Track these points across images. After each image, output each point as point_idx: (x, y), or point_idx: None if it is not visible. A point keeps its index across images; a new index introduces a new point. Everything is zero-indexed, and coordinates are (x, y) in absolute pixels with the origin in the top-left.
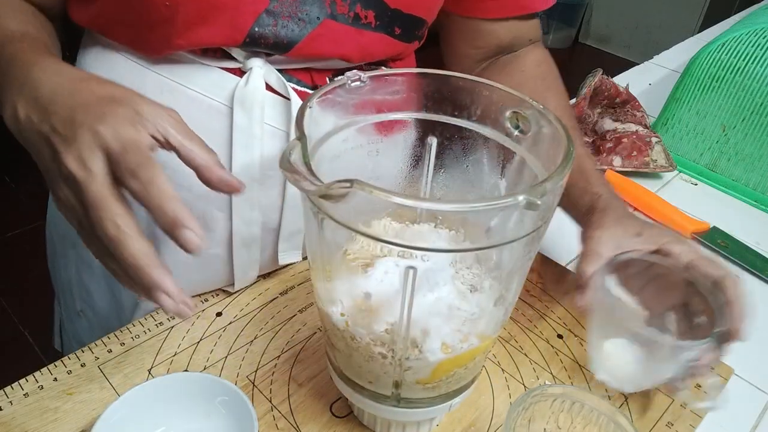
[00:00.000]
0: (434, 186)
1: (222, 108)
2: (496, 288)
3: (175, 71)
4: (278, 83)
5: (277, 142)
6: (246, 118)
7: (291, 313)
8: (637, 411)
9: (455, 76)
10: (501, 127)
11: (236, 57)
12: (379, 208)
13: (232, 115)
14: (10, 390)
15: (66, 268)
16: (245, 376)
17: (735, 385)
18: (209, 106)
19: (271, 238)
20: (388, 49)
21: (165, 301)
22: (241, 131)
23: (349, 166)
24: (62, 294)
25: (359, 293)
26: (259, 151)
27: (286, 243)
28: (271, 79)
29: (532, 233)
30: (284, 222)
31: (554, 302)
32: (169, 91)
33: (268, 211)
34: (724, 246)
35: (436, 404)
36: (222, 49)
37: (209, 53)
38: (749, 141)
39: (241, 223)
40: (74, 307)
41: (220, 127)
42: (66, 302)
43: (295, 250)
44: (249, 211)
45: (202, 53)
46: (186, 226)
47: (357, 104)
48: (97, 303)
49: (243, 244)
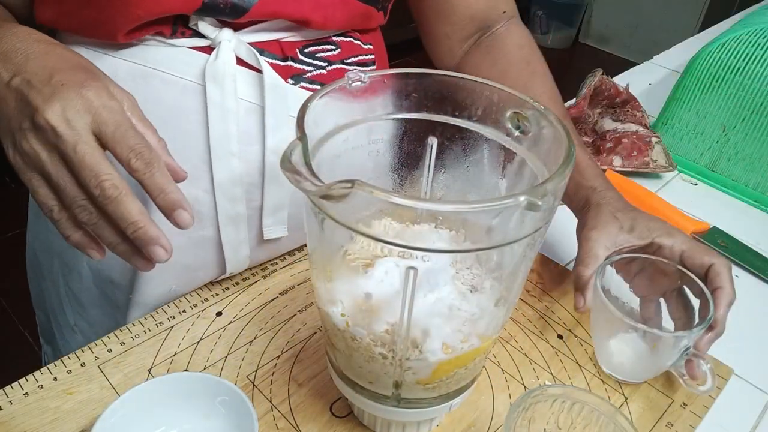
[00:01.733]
0: (435, 186)
1: (195, 86)
2: (496, 288)
3: (146, 57)
4: (248, 55)
5: (252, 116)
6: (218, 92)
7: (291, 313)
8: (637, 411)
9: (455, 76)
10: (502, 128)
11: (204, 33)
12: (379, 208)
13: (205, 93)
14: (10, 390)
15: (54, 283)
16: (245, 376)
17: (735, 385)
18: (183, 87)
19: (257, 216)
20: (351, 12)
21: (161, 255)
22: (215, 105)
23: (350, 166)
24: (52, 311)
25: (360, 293)
26: (235, 125)
27: (270, 218)
28: (241, 52)
29: (532, 234)
30: (266, 197)
31: (554, 302)
32: (141, 77)
33: (251, 188)
34: (724, 246)
35: (436, 404)
36: (191, 28)
37: (177, 33)
38: (749, 141)
39: (225, 200)
40: (67, 322)
41: (194, 105)
42: (58, 321)
43: (280, 224)
44: (231, 187)
45: (171, 34)
46: (183, 209)
47: (357, 104)
48: (90, 312)
49: (229, 221)
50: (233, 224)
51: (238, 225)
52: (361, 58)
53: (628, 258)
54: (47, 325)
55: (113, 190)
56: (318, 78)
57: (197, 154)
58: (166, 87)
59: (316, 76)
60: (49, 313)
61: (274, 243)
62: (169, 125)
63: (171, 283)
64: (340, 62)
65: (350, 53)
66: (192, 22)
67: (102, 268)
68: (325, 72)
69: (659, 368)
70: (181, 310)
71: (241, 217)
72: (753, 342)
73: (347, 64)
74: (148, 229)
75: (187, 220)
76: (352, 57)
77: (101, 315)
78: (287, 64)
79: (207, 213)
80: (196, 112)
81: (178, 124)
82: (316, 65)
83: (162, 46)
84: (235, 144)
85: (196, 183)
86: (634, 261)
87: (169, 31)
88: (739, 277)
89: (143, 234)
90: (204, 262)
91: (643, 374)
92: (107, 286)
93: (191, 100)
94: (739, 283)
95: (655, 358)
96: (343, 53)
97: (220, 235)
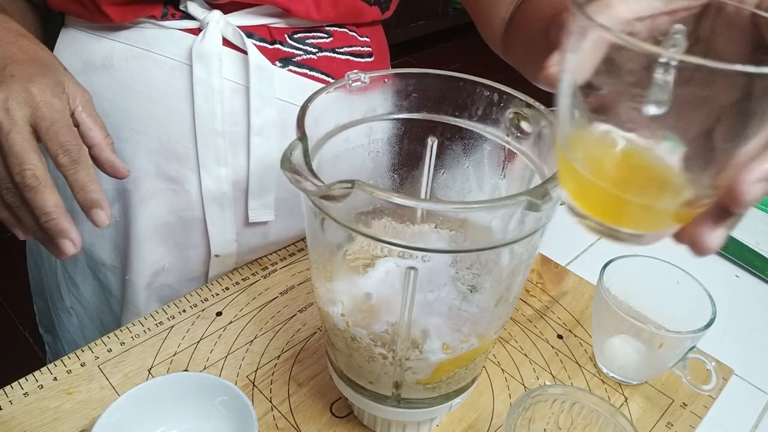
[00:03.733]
0: (435, 186)
1: (183, 66)
2: (496, 288)
3: (139, 38)
4: (235, 36)
5: (237, 97)
6: (204, 70)
7: (291, 313)
8: (637, 411)
9: (455, 76)
10: (502, 128)
11: (194, 15)
12: (379, 208)
13: (192, 73)
14: (10, 389)
15: (51, 267)
16: (245, 376)
17: (735, 385)
18: (172, 67)
19: (243, 198)
20: (338, 5)
21: (69, 248)
22: (201, 84)
23: (350, 166)
24: (50, 295)
25: (360, 293)
26: (220, 104)
27: (256, 201)
28: (227, 33)
29: (532, 234)
30: (252, 179)
31: (554, 302)
32: (134, 58)
33: (236, 168)
34: (724, 246)
35: (437, 404)
36: (181, 10)
37: (168, 15)
38: None
39: (210, 180)
40: (64, 305)
41: (181, 84)
42: (55, 302)
43: (266, 209)
44: (216, 167)
45: (162, 16)
46: (101, 208)
47: (357, 104)
48: (85, 295)
49: (214, 201)
50: (218, 205)
51: (224, 206)
52: (355, 49)
53: None
54: (45, 311)
55: (33, 180)
56: (307, 62)
57: (184, 133)
58: (156, 67)
59: (306, 60)
60: (47, 297)
61: (262, 227)
62: (159, 105)
63: (164, 261)
64: (331, 50)
65: (343, 43)
66: (182, 4)
67: (93, 250)
68: (316, 57)
69: (660, 369)
70: (181, 310)
71: (226, 197)
72: (753, 342)
73: (339, 53)
74: (59, 222)
75: (103, 219)
76: (345, 47)
77: (94, 298)
78: (275, 47)
79: (194, 192)
80: (183, 91)
81: (166, 103)
82: (306, 50)
83: (154, 28)
84: (220, 123)
85: (184, 163)
86: None
87: (160, 13)
88: (739, 277)
89: (54, 225)
90: (193, 241)
91: (643, 375)
92: (99, 269)
93: (178, 80)
94: (739, 283)
95: (656, 359)
96: (336, 42)
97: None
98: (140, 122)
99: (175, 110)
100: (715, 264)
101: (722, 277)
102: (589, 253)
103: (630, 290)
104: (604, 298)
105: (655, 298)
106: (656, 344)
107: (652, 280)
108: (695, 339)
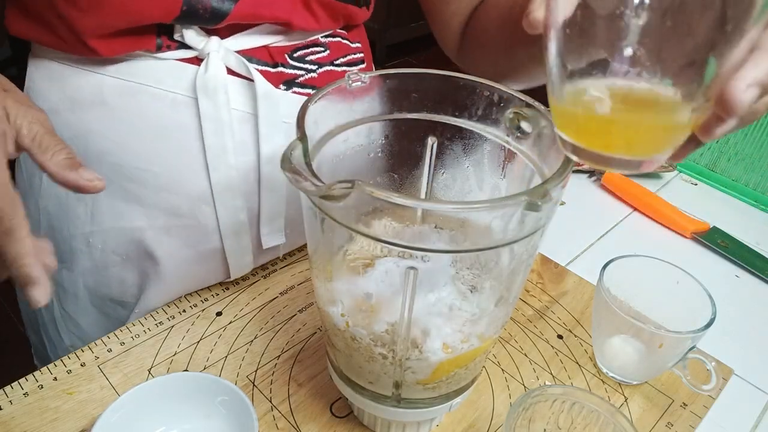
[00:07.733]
0: (434, 186)
1: (186, 100)
2: (496, 288)
3: (132, 72)
4: (238, 64)
5: (246, 126)
6: (211, 105)
7: (291, 313)
8: (637, 411)
9: (455, 76)
10: (502, 128)
11: (190, 44)
12: (379, 208)
13: (197, 106)
14: (10, 389)
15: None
16: (245, 376)
17: (735, 385)
18: (173, 101)
19: (256, 223)
20: (333, 12)
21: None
22: (209, 119)
23: (350, 166)
24: (45, 332)
25: (360, 293)
26: (230, 137)
27: (267, 226)
28: (230, 62)
29: (532, 234)
30: (263, 205)
31: (554, 302)
32: (129, 94)
33: (249, 195)
34: (724, 246)
35: (437, 404)
36: (176, 40)
37: (163, 47)
38: (749, 141)
39: (226, 213)
40: (63, 345)
41: (187, 119)
42: (52, 340)
43: (277, 232)
44: (231, 200)
45: (156, 49)
46: (38, 284)
47: (357, 104)
48: (87, 331)
49: (232, 233)
50: (235, 235)
51: (240, 234)
52: (350, 58)
53: None
54: (41, 347)
55: None
56: (310, 82)
57: (195, 168)
58: (156, 102)
59: (308, 79)
60: (43, 336)
61: (275, 247)
62: (163, 140)
63: (181, 292)
64: (330, 64)
65: (339, 54)
66: (177, 33)
67: (98, 287)
68: (316, 75)
69: (660, 369)
70: (181, 310)
71: (243, 226)
72: (753, 342)
73: (337, 65)
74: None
75: (40, 299)
76: (341, 57)
77: (100, 331)
78: (278, 70)
79: (211, 225)
80: (189, 125)
81: (171, 138)
82: (307, 69)
83: (149, 60)
84: (232, 156)
85: (198, 196)
86: None
87: (154, 46)
88: (739, 277)
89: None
90: (210, 271)
91: (643, 375)
92: (106, 304)
93: (183, 114)
94: (739, 283)
95: (656, 359)
96: (332, 54)
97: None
98: (143, 160)
99: (183, 146)
100: (715, 264)
101: (722, 277)
102: (589, 253)
103: (630, 290)
104: (604, 298)
105: (655, 298)
106: (656, 344)
107: (652, 280)
108: (695, 339)
